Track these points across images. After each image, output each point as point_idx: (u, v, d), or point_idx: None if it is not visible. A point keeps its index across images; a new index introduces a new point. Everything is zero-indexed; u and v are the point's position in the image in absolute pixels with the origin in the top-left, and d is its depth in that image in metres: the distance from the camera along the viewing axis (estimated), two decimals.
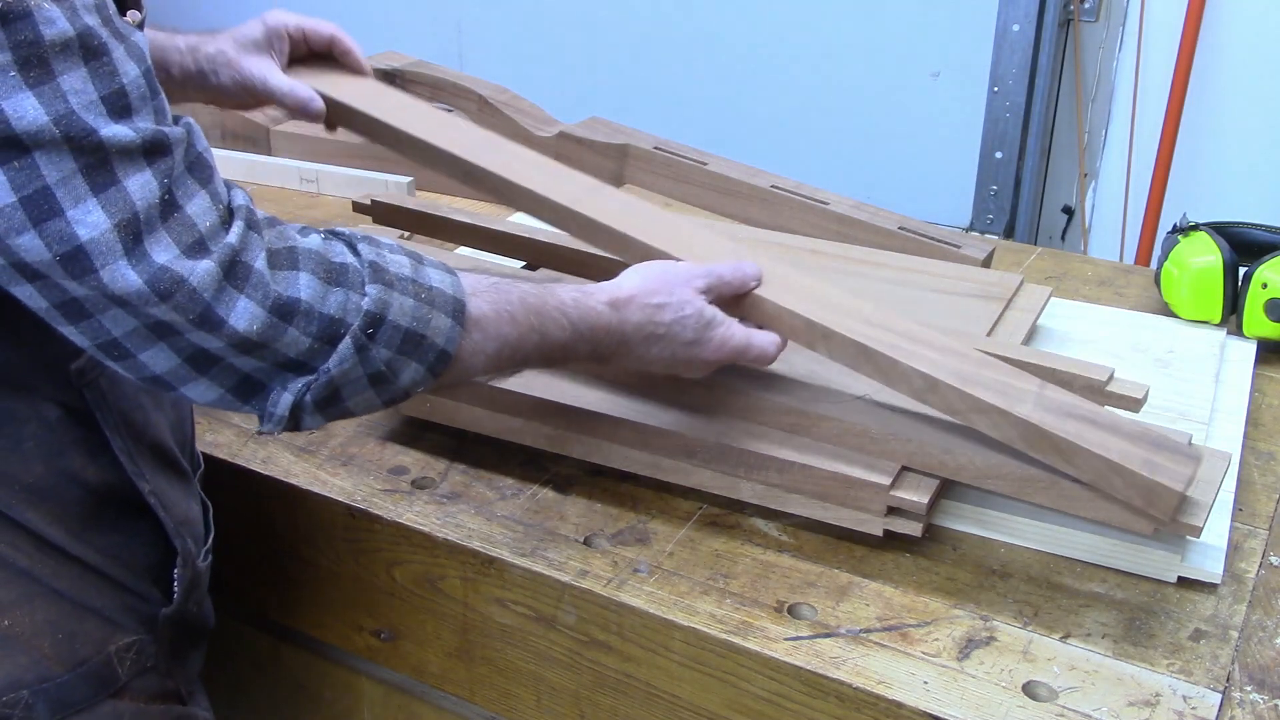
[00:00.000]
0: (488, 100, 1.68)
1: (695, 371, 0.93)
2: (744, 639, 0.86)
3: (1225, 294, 1.25)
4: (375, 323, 0.73)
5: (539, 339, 0.83)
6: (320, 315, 0.72)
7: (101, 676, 0.84)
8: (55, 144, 0.64)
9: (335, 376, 0.73)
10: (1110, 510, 0.86)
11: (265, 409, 0.73)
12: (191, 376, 0.71)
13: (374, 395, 0.76)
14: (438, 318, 0.76)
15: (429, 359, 0.76)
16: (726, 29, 2.67)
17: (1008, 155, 2.43)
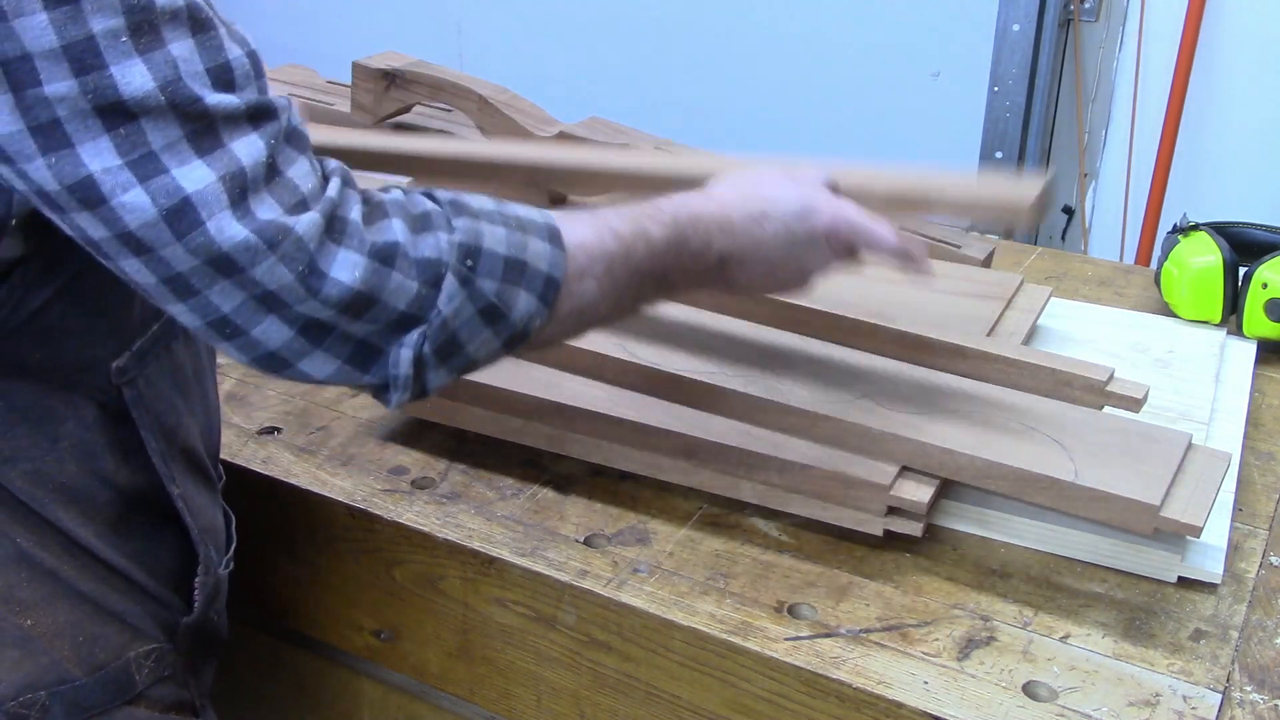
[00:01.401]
0: (488, 100, 1.67)
1: (820, 252, 0.87)
2: (744, 639, 0.86)
3: (1225, 294, 1.25)
4: (472, 254, 0.71)
5: (646, 246, 0.78)
6: (418, 260, 0.69)
7: (119, 682, 0.83)
8: (161, 110, 0.64)
9: (448, 318, 0.70)
10: (1110, 510, 0.86)
11: (388, 373, 0.71)
12: (307, 349, 0.69)
13: (492, 335, 0.72)
14: (534, 243, 0.73)
15: (537, 286, 0.73)
16: (727, 29, 2.67)
17: (1008, 155, 2.43)
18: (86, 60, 0.62)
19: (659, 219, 0.80)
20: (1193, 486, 0.87)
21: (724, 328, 1.09)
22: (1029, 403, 0.98)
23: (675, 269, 0.81)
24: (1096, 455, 0.89)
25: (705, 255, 0.82)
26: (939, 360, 1.04)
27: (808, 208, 0.86)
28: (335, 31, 3.17)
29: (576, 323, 0.78)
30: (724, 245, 0.83)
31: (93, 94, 0.62)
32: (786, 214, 0.85)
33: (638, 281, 0.79)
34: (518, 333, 0.74)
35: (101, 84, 0.62)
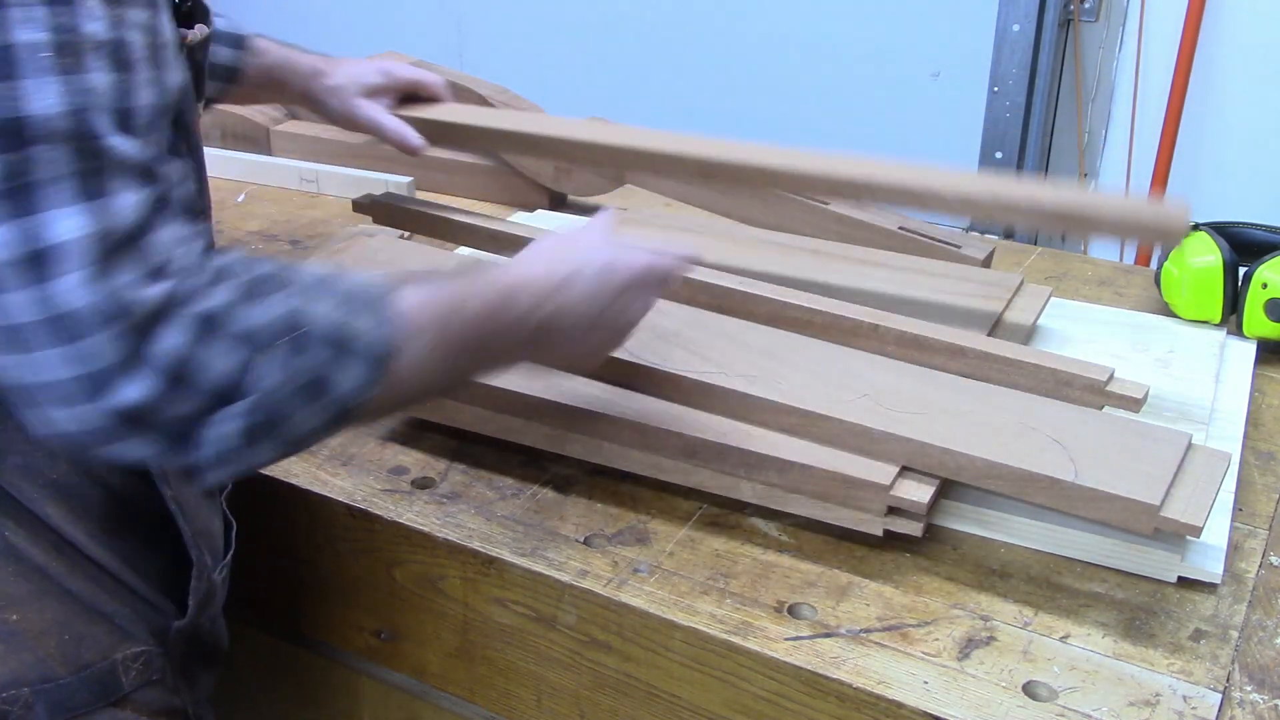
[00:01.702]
0: (488, 100, 1.68)
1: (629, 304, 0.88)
2: (744, 639, 0.86)
3: (1225, 294, 1.25)
4: (293, 328, 0.69)
5: (461, 319, 0.78)
6: (237, 333, 0.67)
7: (105, 683, 0.83)
8: (59, 138, 0.62)
9: (267, 392, 0.68)
10: (1110, 510, 0.86)
11: (201, 453, 0.68)
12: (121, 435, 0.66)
13: (315, 411, 0.70)
14: (362, 317, 0.72)
15: (364, 361, 0.71)
16: (726, 29, 2.67)
17: (1008, 155, 2.43)
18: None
19: (479, 290, 0.80)
20: (1193, 486, 0.87)
21: (724, 328, 1.09)
22: (1029, 403, 0.98)
23: (495, 339, 0.81)
24: (1096, 455, 0.89)
25: (524, 323, 0.82)
26: (939, 360, 1.04)
27: (611, 263, 0.87)
28: (335, 31, 3.17)
29: (405, 395, 0.77)
30: (541, 313, 0.83)
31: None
32: (593, 272, 0.86)
33: (460, 353, 0.78)
34: (344, 408, 0.71)
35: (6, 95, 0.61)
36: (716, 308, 1.13)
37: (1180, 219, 1.02)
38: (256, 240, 1.53)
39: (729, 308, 1.12)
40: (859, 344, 1.07)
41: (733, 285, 1.13)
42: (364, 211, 1.39)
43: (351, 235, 1.31)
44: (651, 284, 0.89)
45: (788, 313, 1.10)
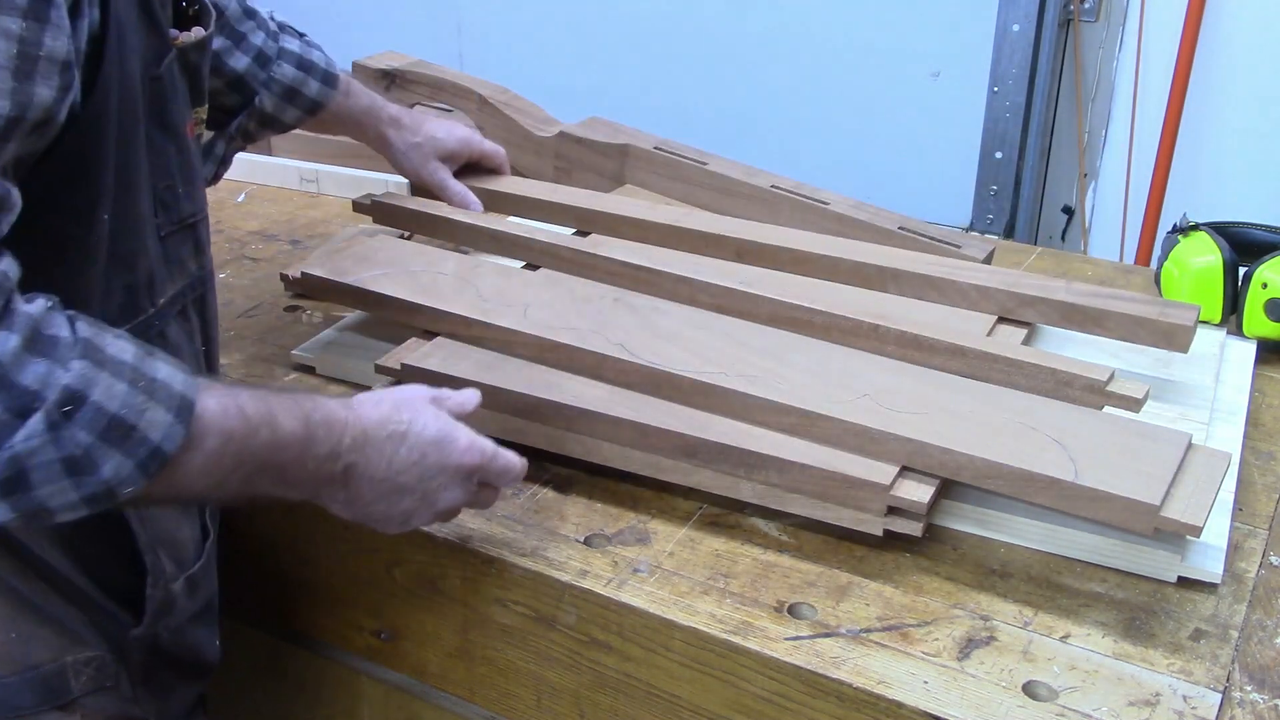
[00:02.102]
0: (488, 100, 1.67)
1: (449, 484, 0.86)
2: (744, 639, 0.86)
3: (1225, 294, 1.25)
4: (75, 400, 0.66)
5: (270, 435, 0.76)
6: (14, 384, 0.64)
7: (51, 686, 0.82)
8: None
9: (21, 455, 0.65)
10: (1110, 510, 0.86)
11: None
12: None
13: (70, 486, 0.67)
14: (155, 410, 0.69)
15: (139, 453, 0.68)
16: (726, 29, 2.67)
17: (1008, 155, 2.43)
18: None
19: (293, 413, 0.77)
20: (1193, 486, 0.87)
21: (724, 328, 1.09)
22: (1029, 403, 0.98)
23: (295, 466, 0.78)
24: (1096, 455, 0.89)
25: (331, 462, 0.80)
26: (939, 360, 1.04)
27: (446, 436, 0.85)
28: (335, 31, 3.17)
29: (183, 494, 0.74)
30: (354, 458, 0.81)
31: None
32: (423, 439, 0.83)
33: (251, 468, 0.76)
34: (101, 493, 0.68)
35: None
36: (717, 308, 1.13)
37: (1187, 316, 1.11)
38: (256, 240, 1.53)
39: (729, 308, 1.12)
40: (859, 344, 1.07)
41: (733, 285, 1.13)
42: (364, 211, 1.39)
43: (351, 235, 1.31)
44: (470, 478, 0.87)
45: (788, 313, 1.10)
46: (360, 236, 1.30)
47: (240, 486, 0.76)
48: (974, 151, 2.46)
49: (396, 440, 0.83)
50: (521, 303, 1.13)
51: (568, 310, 1.12)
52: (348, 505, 0.84)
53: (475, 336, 1.11)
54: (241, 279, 1.41)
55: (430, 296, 1.14)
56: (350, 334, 1.24)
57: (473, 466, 0.87)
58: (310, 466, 0.79)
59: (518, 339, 1.08)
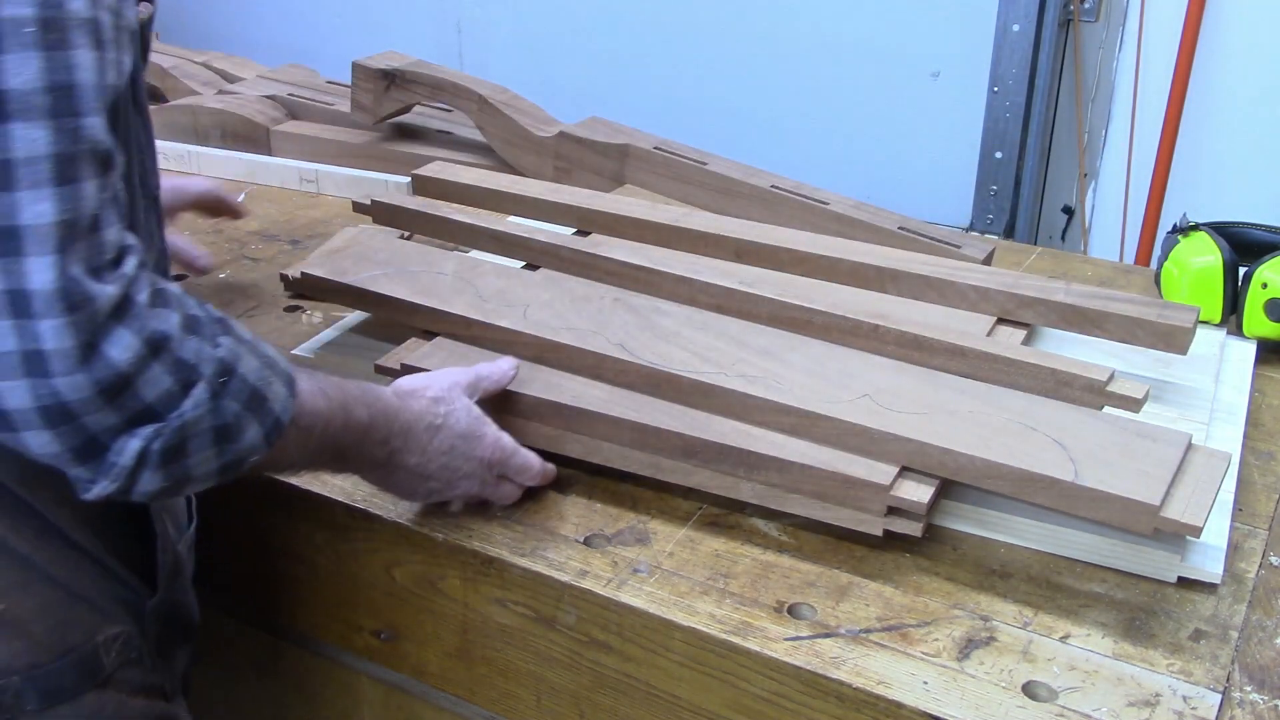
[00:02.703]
0: (488, 100, 1.68)
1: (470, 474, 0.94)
2: (744, 639, 0.86)
3: (1225, 294, 1.25)
4: (227, 373, 0.72)
5: (344, 418, 0.84)
6: (179, 359, 0.70)
7: (89, 666, 0.84)
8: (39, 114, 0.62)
9: (188, 423, 0.70)
10: (1110, 510, 0.86)
11: (105, 464, 0.69)
12: (37, 424, 0.66)
13: (214, 455, 0.73)
14: (276, 384, 0.76)
15: (267, 423, 0.75)
16: (726, 29, 2.67)
17: (1008, 155, 2.43)
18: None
19: (361, 401, 0.86)
20: (1193, 486, 0.87)
21: (724, 328, 1.09)
22: (1029, 403, 0.98)
23: (354, 449, 0.86)
24: (1096, 455, 0.89)
25: (381, 448, 0.88)
26: (939, 360, 1.04)
27: (474, 432, 0.94)
28: (335, 31, 3.17)
29: (273, 466, 0.82)
30: (397, 444, 0.89)
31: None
32: (454, 433, 0.93)
33: (325, 446, 0.83)
34: (235, 460, 0.75)
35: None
36: (716, 308, 1.13)
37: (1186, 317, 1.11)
38: (256, 240, 1.53)
39: (729, 308, 1.12)
40: (859, 344, 1.07)
41: (733, 285, 1.13)
42: (364, 211, 1.39)
43: (351, 235, 1.31)
44: (490, 470, 0.96)
45: (788, 313, 1.10)
46: (360, 236, 1.30)
47: (310, 462, 0.86)
48: (974, 151, 2.46)
49: (432, 432, 0.91)
50: (521, 303, 1.13)
51: (567, 310, 1.12)
52: (381, 481, 0.93)
53: (475, 336, 1.11)
54: (241, 279, 1.41)
55: (430, 296, 1.14)
56: (350, 334, 1.24)
57: (493, 461, 0.95)
58: (365, 451, 0.87)
59: (518, 339, 1.08)
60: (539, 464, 0.98)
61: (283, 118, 1.84)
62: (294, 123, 1.83)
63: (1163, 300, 1.20)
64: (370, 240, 1.28)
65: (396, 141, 1.77)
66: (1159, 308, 1.12)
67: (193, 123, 1.82)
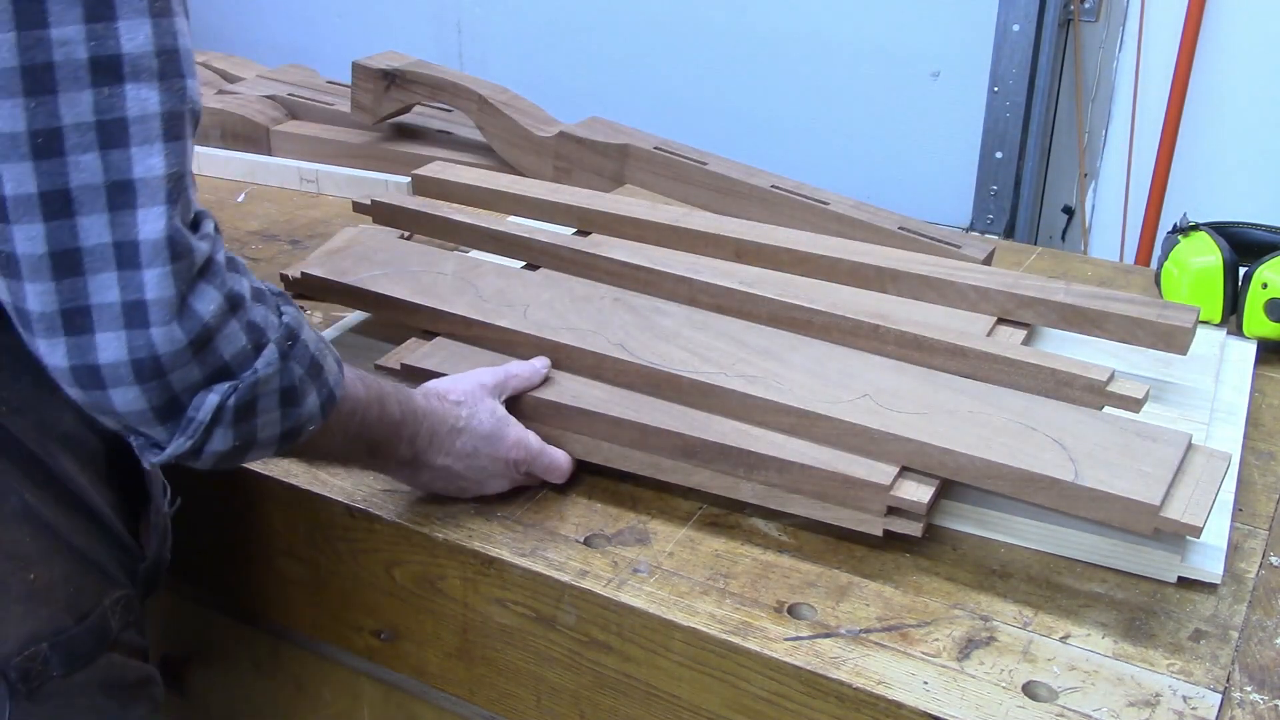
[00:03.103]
0: (488, 100, 1.68)
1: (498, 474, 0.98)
2: (744, 639, 0.86)
3: (1225, 294, 1.25)
4: (292, 338, 0.76)
5: (379, 410, 0.87)
6: (251, 321, 0.73)
7: (101, 630, 0.85)
8: (150, 77, 0.65)
9: (260, 380, 0.73)
10: (1110, 510, 0.86)
11: (184, 419, 0.72)
12: (128, 381, 0.69)
13: (280, 418, 0.76)
14: (330, 357, 0.80)
15: (324, 394, 0.79)
16: (726, 29, 2.67)
17: (1008, 155, 2.43)
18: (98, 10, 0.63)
19: (394, 397, 0.89)
20: (1193, 486, 0.87)
21: (724, 328, 1.09)
22: (1029, 403, 0.98)
23: (384, 444, 0.90)
24: (1096, 455, 0.89)
25: (408, 446, 0.92)
26: (939, 360, 1.04)
27: (497, 433, 0.96)
28: (335, 31, 3.17)
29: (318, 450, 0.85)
30: (422, 445, 0.93)
31: (95, 43, 0.63)
32: (477, 435, 0.95)
33: (361, 438, 0.87)
34: (296, 427, 0.78)
35: (106, 35, 0.63)
36: (716, 308, 1.13)
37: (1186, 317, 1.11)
38: (256, 240, 1.53)
39: (729, 308, 1.12)
40: (859, 344, 1.07)
41: (733, 285, 1.13)
42: (364, 211, 1.39)
43: (351, 235, 1.31)
44: (515, 469, 0.98)
45: (788, 313, 1.10)
46: (360, 236, 1.30)
47: (347, 452, 0.88)
48: (974, 151, 2.46)
49: (455, 434, 0.94)
50: (521, 303, 1.13)
51: (567, 310, 1.12)
52: (411, 479, 0.97)
53: (475, 336, 1.11)
54: None
55: (430, 296, 1.14)
56: (350, 334, 1.24)
57: (518, 460, 0.98)
58: (394, 448, 0.90)
59: (518, 339, 1.08)
60: (566, 462, 1.00)
61: (283, 118, 1.84)
62: (294, 123, 1.83)
63: (1163, 300, 1.20)
64: (370, 240, 1.28)
65: (396, 141, 1.77)
66: (1159, 308, 1.12)
67: None
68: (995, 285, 1.17)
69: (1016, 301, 1.15)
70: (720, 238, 1.28)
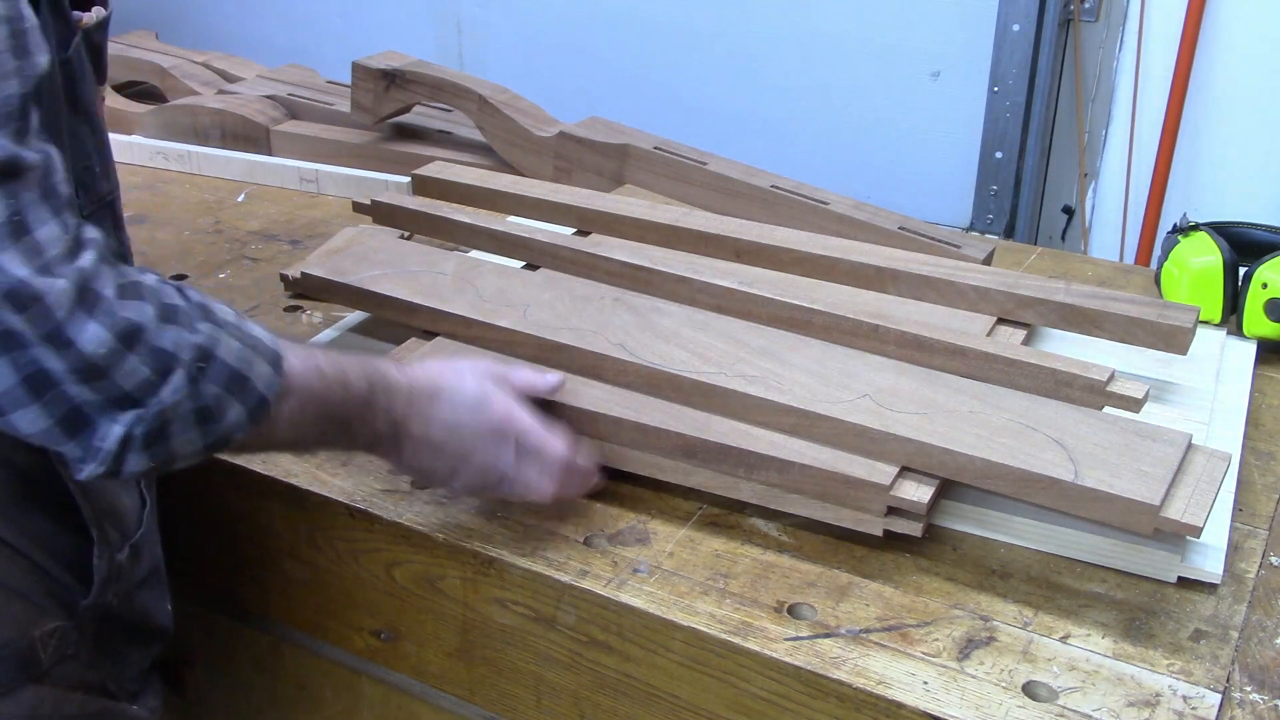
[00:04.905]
0: (488, 100, 1.68)
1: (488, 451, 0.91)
2: (744, 639, 0.86)
3: (1225, 294, 1.25)
4: (206, 358, 0.74)
5: (342, 392, 0.85)
6: (156, 348, 0.72)
7: (24, 659, 0.84)
8: None
9: (167, 409, 0.73)
10: (1110, 510, 0.86)
11: (91, 444, 0.72)
12: (24, 401, 0.69)
13: (198, 436, 0.75)
14: (259, 364, 0.78)
15: (250, 402, 0.77)
16: (726, 29, 2.67)
17: (1008, 155, 2.43)
18: None
19: (360, 374, 0.86)
20: (1193, 486, 0.87)
21: (724, 328, 1.09)
22: (1029, 403, 0.98)
23: (358, 423, 0.87)
24: (1096, 455, 0.89)
25: (384, 418, 0.88)
26: (939, 360, 1.04)
27: (483, 400, 0.91)
28: (335, 31, 3.17)
29: (269, 444, 0.84)
30: (400, 415, 0.89)
31: None
32: (460, 401, 0.91)
33: (325, 422, 0.85)
34: (220, 439, 0.77)
35: None
36: (716, 308, 1.13)
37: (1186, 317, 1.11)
38: (256, 240, 1.53)
39: (729, 308, 1.12)
40: (859, 344, 1.07)
41: (733, 285, 1.13)
42: (364, 211, 1.39)
43: (351, 235, 1.31)
44: (505, 441, 0.92)
45: (788, 313, 1.10)
46: (360, 236, 1.30)
47: (317, 438, 0.87)
48: (974, 151, 2.46)
49: (433, 398, 0.90)
50: (521, 303, 1.13)
51: (567, 310, 1.12)
52: (398, 461, 0.92)
53: (475, 336, 1.11)
54: (241, 279, 1.41)
55: (430, 296, 1.14)
56: (350, 334, 1.24)
57: (505, 430, 0.92)
58: (369, 423, 0.88)
59: (517, 339, 1.08)
60: (562, 450, 0.93)
61: (283, 118, 1.84)
62: (294, 123, 1.83)
63: (1163, 300, 1.20)
64: (370, 240, 1.28)
65: (396, 141, 1.77)
66: (1159, 308, 1.12)
67: (193, 123, 1.82)
68: (995, 285, 1.17)
69: (1016, 301, 1.15)
70: (720, 238, 1.28)
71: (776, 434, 0.97)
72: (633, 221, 1.33)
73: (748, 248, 1.27)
